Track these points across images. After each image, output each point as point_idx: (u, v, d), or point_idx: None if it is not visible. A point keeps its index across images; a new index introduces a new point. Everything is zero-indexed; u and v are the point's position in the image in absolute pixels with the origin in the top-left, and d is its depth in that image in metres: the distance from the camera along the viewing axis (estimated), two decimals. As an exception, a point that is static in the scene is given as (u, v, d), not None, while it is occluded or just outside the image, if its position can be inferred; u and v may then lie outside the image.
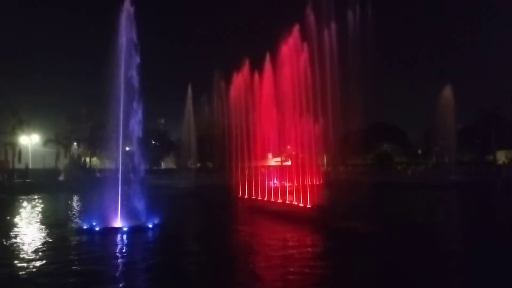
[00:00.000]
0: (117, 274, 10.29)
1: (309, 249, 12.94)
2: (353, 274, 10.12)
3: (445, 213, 23.77)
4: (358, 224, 15.65)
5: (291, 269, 10.41)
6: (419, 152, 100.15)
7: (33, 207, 28.27)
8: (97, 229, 15.49)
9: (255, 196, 34.84)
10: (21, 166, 66.08)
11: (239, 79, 40.75)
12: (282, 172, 43.57)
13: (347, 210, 17.27)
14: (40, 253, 12.19)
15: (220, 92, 42.86)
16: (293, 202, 26.68)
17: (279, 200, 29.71)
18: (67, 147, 76.09)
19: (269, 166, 46.67)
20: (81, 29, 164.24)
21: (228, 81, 42.20)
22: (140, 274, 10.42)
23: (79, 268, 10.69)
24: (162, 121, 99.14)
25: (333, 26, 26.41)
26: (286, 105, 41.83)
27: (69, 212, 24.79)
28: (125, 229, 15.43)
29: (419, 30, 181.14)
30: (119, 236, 14.75)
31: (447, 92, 57.40)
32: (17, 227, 17.78)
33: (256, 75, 40.88)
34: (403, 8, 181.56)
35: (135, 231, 15.36)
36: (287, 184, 43.81)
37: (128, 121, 16.77)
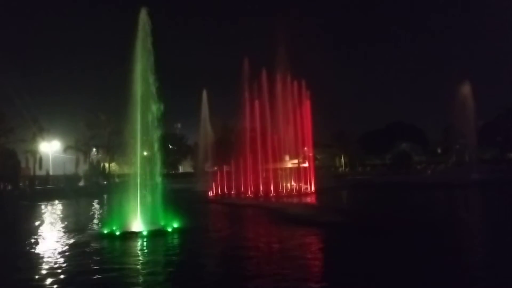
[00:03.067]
0: (140, 277, 10.32)
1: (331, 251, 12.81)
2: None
3: (471, 213, 23.31)
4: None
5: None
6: (439, 150, 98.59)
7: (54, 213, 28.70)
8: (117, 233, 15.59)
9: (273, 198, 34.77)
10: (42, 172, 67.35)
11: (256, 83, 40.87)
12: (300, 174, 43.46)
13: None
14: (61, 259, 12.28)
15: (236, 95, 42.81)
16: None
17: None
18: (87, 153, 77.25)
19: (286, 168, 46.54)
20: (100, 28, 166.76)
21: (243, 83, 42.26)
22: (162, 278, 10.41)
23: (101, 273, 10.72)
24: (179, 125, 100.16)
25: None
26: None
27: (90, 217, 25.06)
28: (145, 233, 15.49)
29: (436, 26, 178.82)
30: (139, 240, 14.81)
31: (466, 88, 56.37)
32: (39, 233, 18.02)
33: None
34: (421, 4, 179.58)
35: (155, 235, 15.41)
36: (305, 187, 43.66)
37: (146, 126, 16.90)
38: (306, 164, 45.84)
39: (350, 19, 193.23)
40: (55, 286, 9.59)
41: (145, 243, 14.50)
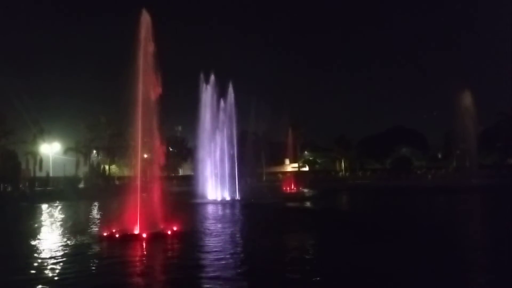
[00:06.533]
0: (137, 279, 10.34)
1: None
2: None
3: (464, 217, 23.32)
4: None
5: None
6: (439, 155, 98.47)
7: (54, 214, 28.67)
8: (117, 236, 15.57)
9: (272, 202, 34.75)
10: (42, 174, 67.27)
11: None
12: (299, 178, 43.56)
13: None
14: (61, 260, 12.29)
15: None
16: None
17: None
18: (87, 155, 77.26)
19: (286, 172, 46.71)
20: (102, 30, 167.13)
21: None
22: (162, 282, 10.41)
23: (100, 276, 10.75)
24: (180, 128, 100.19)
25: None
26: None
27: (89, 219, 25.04)
28: (144, 236, 15.46)
29: (437, 31, 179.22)
30: (139, 243, 14.80)
31: (467, 94, 56.59)
32: (38, 235, 18.03)
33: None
34: (422, 8, 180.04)
35: (155, 238, 15.39)
36: (305, 190, 43.74)
37: (147, 129, 16.90)
38: (306, 168, 46.09)
39: (352, 21, 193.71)
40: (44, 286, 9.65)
41: (144, 246, 14.48)
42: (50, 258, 12.67)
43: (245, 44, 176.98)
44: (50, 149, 70.75)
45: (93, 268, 11.53)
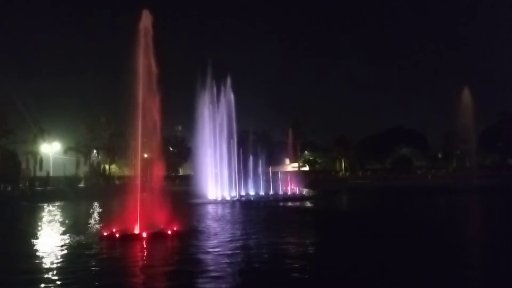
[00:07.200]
0: (136, 280, 10.34)
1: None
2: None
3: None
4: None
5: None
6: (439, 156, 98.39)
7: (54, 214, 28.65)
8: (117, 235, 15.54)
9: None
10: (43, 174, 67.35)
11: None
12: (300, 178, 43.50)
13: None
14: (60, 260, 12.28)
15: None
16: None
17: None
18: (87, 155, 77.32)
19: (286, 172, 46.68)
20: (102, 30, 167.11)
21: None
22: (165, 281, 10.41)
23: (100, 276, 10.74)
24: (180, 127, 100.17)
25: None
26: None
27: (90, 219, 25.01)
28: (144, 235, 15.44)
29: (437, 31, 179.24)
30: (139, 243, 14.79)
31: (467, 94, 56.59)
32: (38, 234, 18.02)
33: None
34: (422, 8, 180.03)
35: (155, 238, 15.38)
36: (305, 190, 43.67)
37: (147, 129, 16.87)
38: (306, 168, 46.09)
39: (352, 21, 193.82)
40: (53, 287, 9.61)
41: (144, 246, 14.46)
42: (50, 257, 12.65)
43: (245, 44, 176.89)
44: (50, 149, 70.78)
45: (93, 268, 11.51)
